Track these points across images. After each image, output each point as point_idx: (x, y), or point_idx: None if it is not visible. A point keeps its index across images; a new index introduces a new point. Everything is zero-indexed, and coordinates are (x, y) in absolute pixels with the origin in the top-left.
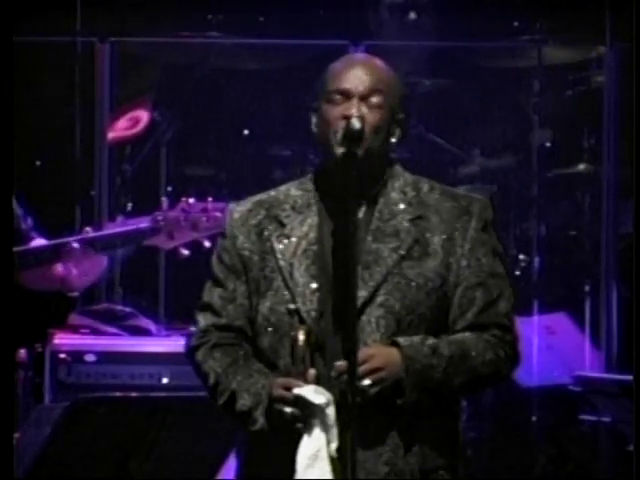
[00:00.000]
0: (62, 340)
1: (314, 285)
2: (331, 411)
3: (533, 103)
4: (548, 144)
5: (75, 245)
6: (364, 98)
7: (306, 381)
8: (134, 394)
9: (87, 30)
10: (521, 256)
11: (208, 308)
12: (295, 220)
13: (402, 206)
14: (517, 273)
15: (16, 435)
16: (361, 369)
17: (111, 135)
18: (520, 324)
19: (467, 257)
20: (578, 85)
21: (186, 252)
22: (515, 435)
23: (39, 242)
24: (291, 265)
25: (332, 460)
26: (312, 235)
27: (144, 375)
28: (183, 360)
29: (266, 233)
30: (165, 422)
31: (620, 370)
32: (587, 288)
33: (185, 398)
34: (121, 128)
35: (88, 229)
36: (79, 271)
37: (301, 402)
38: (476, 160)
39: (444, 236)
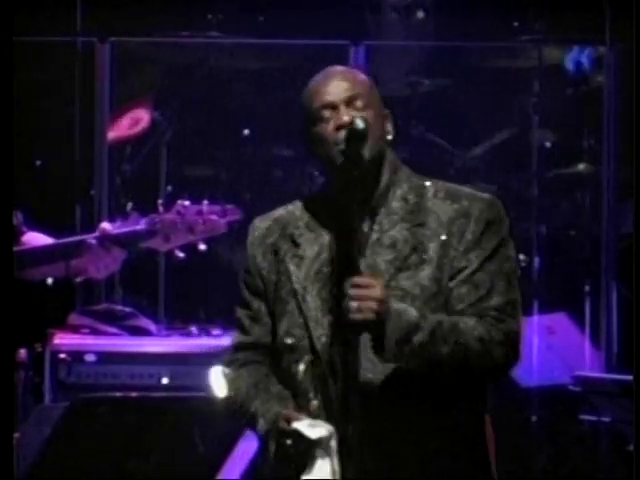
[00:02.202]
0: (62, 340)
1: (325, 309)
2: (333, 443)
3: (533, 103)
4: (548, 144)
5: (93, 242)
6: (349, 103)
7: (309, 413)
8: (134, 394)
9: (87, 30)
10: (521, 256)
11: (239, 327)
12: (308, 239)
13: (402, 215)
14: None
15: (16, 435)
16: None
17: (112, 134)
18: None
19: (459, 259)
20: (578, 85)
21: (182, 255)
22: (515, 435)
23: (32, 236)
24: (304, 289)
25: None
26: (323, 256)
27: (144, 375)
28: (183, 360)
29: (281, 253)
30: (165, 422)
31: (620, 370)
32: (587, 288)
33: (185, 398)
34: (122, 127)
35: (105, 225)
36: (99, 265)
37: (297, 436)
38: (475, 159)
39: (440, 241)
